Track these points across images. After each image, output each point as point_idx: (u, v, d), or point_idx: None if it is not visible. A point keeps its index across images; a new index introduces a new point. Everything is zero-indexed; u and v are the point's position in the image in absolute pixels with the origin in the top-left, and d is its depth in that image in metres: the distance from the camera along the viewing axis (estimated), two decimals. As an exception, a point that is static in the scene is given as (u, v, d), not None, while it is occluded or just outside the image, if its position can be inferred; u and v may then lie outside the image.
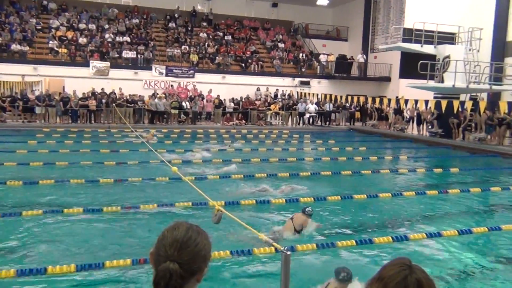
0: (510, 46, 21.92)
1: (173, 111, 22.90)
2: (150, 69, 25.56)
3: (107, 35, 26.65)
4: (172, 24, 29.96)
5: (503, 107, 16.55)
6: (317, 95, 26.33)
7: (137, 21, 29.26)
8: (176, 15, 30.74)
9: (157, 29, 29.97)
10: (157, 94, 23.70)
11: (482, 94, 21.09)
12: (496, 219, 7.77)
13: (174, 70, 25.93)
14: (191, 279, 1.42)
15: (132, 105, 22.39)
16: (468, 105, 17.99)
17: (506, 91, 19.83)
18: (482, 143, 17.67)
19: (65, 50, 24.68)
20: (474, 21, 21.04)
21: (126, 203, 7.79)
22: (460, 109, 18.47)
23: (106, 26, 27.70)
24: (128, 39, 27.01)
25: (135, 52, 25.87)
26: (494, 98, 20.75)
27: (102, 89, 22.75)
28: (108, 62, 24.78)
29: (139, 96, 23.00)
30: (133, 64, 25.65)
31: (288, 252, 2.59)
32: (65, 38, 25.57)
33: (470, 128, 19.23)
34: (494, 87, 19.57)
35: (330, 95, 25.94)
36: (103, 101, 21.98)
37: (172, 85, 25.59)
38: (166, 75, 25.74)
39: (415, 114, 21.94)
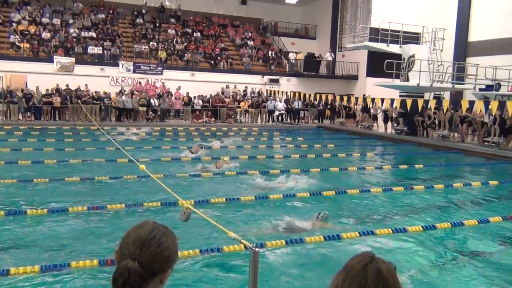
0: (471, 46, 22.69)
1: (141, 108, 22.57)
2: (117, 65, 25.07)
3: (71, 30, 25.96)
4: (139, 20, 29.49)
5: (465, 106, 17.10)
6: (286, 92, 26.51)
7: (103, 16, 28.64)
8: (143, 11, 30.26)
9: (124, 24, 29.42)
10: (125, 91, 23.29)
11: (445, 92, 21.76)
12: (459, 215, 8.02)
13: (142, 67, 25.54)
14: (153, 279, 1.40)
15: (99, 102, 21.92)
16: (432, 103, 18.50)
17: (467, 89, 20.52)
18: (446, 140, 18.24)
19: (28, 45, 23.90)
20: (437, 21, 21.67)
21: (93, 203, 7.62)
22: (424, 107, 18.98)
23: (71, 21, 26.97)
24: (94, 34, 26.41)
25: (101, 48, 25.31)
26: (456, 97, 21.44)
27: (67, 85, 22.17)
28: (73, 58, 24.15)
29: (106, 93, 22.54)
30: (99, 60, 25.09)
31: (257, 249, 2.60)
32: (27, 33, 24.74)
33: (434, 126, 19.81)
34: (456, 86, 20.22)
35: (299, 93, 26.16)
36: (68, 98, 21.42)
37: (140, 82, 25.20)
38: (134, 71, 25.32)
39: (378, 112, 22.42)
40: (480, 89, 19.18)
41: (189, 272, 5.09)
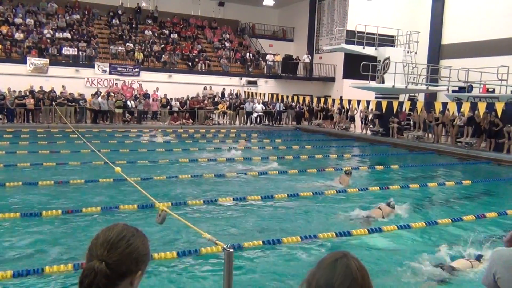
0: (445, 49, 23.21)
1: (117, 110, 22.29)
2: (93, 66, 24.68)
3: (45, 31, 25.45)
4: (115, 21, 29.12)
5: (438, 107, 17.46)
6: (264, 94, 26.58)
7: (78, 16, 28.19)
8: (119, 12, 29.91)
9: (100, 25, 29.02)
10: (100, 92, 22.97)
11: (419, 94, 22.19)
12: (433, 214, 8.18)
13: (118, 68, 25.21)
14: (122, 281, 1.39)
15: (74, 104, 21.55)
16: (407, 105, 18.83)
17: (441, 91, 20.97)
18: (420, 141, 18.59)
19: (0, 46, 23.32)
20: (412, 24, 22.08)
21: (68, 206, 7.49)
22: (399, 109, 19.30)
23: (45, 21, 26.45)
24: (69, 35, 25.97)
25: (76, 49, 24.89)
26: (430, 99, 21.88)
27: (41, 87, 21.73)
28: (47, 59, 23.67)
29: (81, 94, 22.18)
30: (74, 61, 24.66)
31: (231, 250, 2.61)
32: (-1, 33, 24.17)
33: (409, 127, 20.17)
34: (430, 87, 20.64)
35: (277, 94, 26.28)
36: (42, 99, 20.98)
37: (116, 84, 24.87)
38: (110, 73, 24.97)
39: (355, 113, 22.69)
40: (453, 91, 19.61)
41: (166, 274, 5.06)
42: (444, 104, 17.24)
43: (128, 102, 22.87)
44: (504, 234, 2.02)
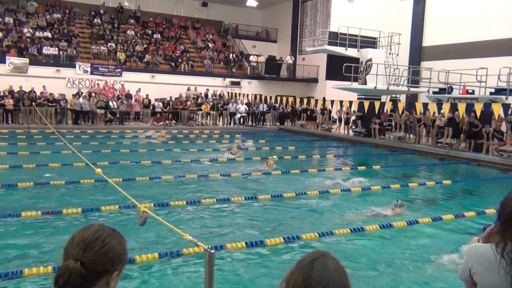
0: (425, 50, 23.58)
1: (99, 111, 22.04)
2: (74, 66, 24.38)
3: (25, 30, 25.03)
4: (97, 20, 28.80)
5: (419, 108, 17.71)
6: (247, 95, 26.60)
7: (59, 16, 27.80)
8: (101, 11, 29.59)
9: (81, 25, 28.67)
10: (82, 93, 22.68)
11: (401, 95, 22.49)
12: (414, 213, 8.28)
13: (100, 68, 24.95)
14: (98, 281, 1.39)
15: (54, 104, 21.23)
16: (388, 106, 19.06)
17: (422, 92, 21.28)
18: (402, 142, 18.82)
19: (-23, 45, 22.88)
20: (393, 26, 22.39)
21: (48, 208, 7.38)
22: (381, 110, 19.53)
23: (24, 20, 26.01)
24: (49, 34, 25.58)
25: (56, 49, 24.54)
26: (411, 100, 22.19)
27: (20, 87, 21.35)
28: (26, 59, 23.28)
29: (62, 95, 21.86)
30: (54, 61, 24.31)
31: (212, 251, 2.61)
32: (-23, 32, 23.68)
33: (391, 128, 20.42)
34: (411, 89, 20.95)
35: (260, 95, 26.32)
36: (22, 100, 20.62)
37: (98, 84, 24.60)
38: (91, 73, 24.69)
39: (337, 113, 22.86)
40: (434, 92, 19.94)
41: (148, 276, 5.02)
42: (425, 105, 17.50)
43: (110, 103, 22.63)
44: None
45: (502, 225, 2.06)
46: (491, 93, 17.60)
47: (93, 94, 22.79)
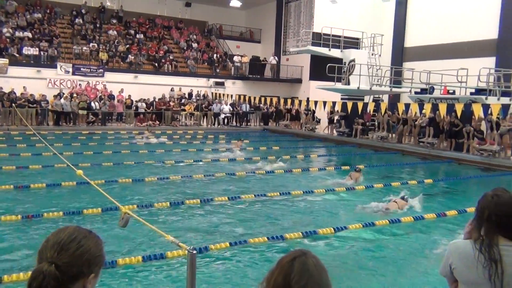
0: (407, 51, 23.88)
1: (81, 112, 21.75)
2: (55, 67, 24.01)
3: (5, 30, 24.56)
4: (79, 20, 28.43)
5: (401, 108, 17.91)
6: (232, 96, 26.56)
7: (40, 15, 27.36)
8: (83, 11, 29.22)
9: (62, 24, 28.27)
10: (63, 93, 22.36)
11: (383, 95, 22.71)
12: (397, 212, 8.36)
13: (81, 69, 24.62)
14: (74, 284, 1.37)
15: (35, 105, 20.89)
16: (371, 106, 19.24)
17: (404, 93, 21.53)
18: (384, 142, 19.01)
19: (-45, 45, 22.38)
20: (376, 27, 22.61)
21: (28, 211, 7.25)
22: (364, 110, 19.69)
23: (4, 20, 25.52)
24: (30, 34, 25.16)
25: (37, 49, 24.14)
26: (394, 100, 22.44)
27: (0, 88, 20.95)
28: (6, 59, 22.85)
29: (43, 95, 21.51)
30: (35, 61, 23.91)
31: (194, 252, 2.60)
32: (-46, 31, 23.15)
33: (374, 128, 20.60)
34: (394, 89, 21.17)
35: (245, 96, 26.30)
36: (2, 101, 20.22)
37: (80, 84, 24.28)
38: (73, 73, 24.35)
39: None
40: (416, 92, 20.18)
41: (131, 277, 4.97)
42: (407, 105, 17.70)
43: (92, 104, 22.36)
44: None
45: (479, 222, 2.11)
46: (471, 93, 17.88)
47: (74, 95, 22.48)
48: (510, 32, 19.11)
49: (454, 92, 18.53)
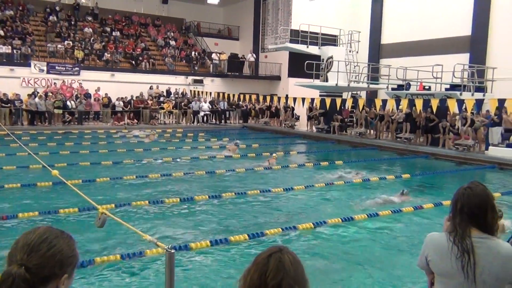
0: (384, 48, 24.18)
1: (56, 111, 21.33)
2: (29, 65, 23.47)
3: (-25, 27, 23.90)
4: (53, 18, 27.83)
5: (378, 104, 18.13)
6: (211, 93, 26.45)
7: (12, 12, 26.67)
8: (57, 8, 28.62)
9: (36, 22, 27.63)
10: (38, 92, 21.89)
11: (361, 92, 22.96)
12: (374, 207, 8.47)
13: (56, 67, 24.14)
14: (45, 286, 1.33)
15: (8, 105, 20.39)
16: (349, 102, 19.43)
17: (381, 89, 21.80)
18: (363, 137, 19.23)
19: None
20: (353, 24, 22.82)
21: (2, 212, 7.07)
22: (342, 107, 19.88)
23: (-26, 17, 24.85)
24: (2, 32, 24.51)
25: (10, 47, 23.55)
26: (371, 96, 22.70)
27: (-29, 87, 20.40)
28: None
29: (16, 95, 21.01)
30: (8, 60, 23.33)
31: (172, 251, 2.58)
32: None
33: (352, 124, 20.81)
34: (371, 85, 21.42)
35: (223, 93, 26.23)
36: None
37: (55, 83, 23.80)
38: (48, 72, 23.85)
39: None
40: (392, 89, 20.45)
41: (109, 277, 4.90)
42: (384, 101, 17.94)
43: (68, 103, 21.96)
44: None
45: (454, 214, 2.16)
46: (446, 89, 18.23)
47: (49, 94, 22.04)
48: (483, 29, 19.56)
49: (429, 88, 18.86)
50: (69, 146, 15.34)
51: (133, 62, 27.11)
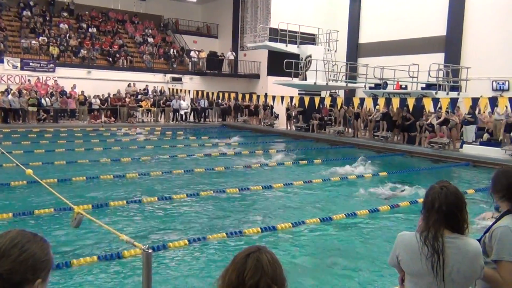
0: (362, 47, 24.42)
1: (30, 108, 20.87)
2: (2, 62, 22.85)
3: None
4: (26, 13, 27.16)
5: (356, 103, 18.32)
6: (189, 91, 26.28)
7: (-16, 7, 25.95)
8: (31, 3, 27.95)
9: (9, 17, 26.93)
10: (11, 89, 21.36)
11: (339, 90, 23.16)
12: (353, 205, 8.55)
13: (31, 64, 23.59)
14: None
15: (-20, 102, 19.84)
16: (327, 101, 19.57)
17: (359, 88, 22.03)
18: (341, 136, 19.41)
19: None
20: (331, 24, 22.97)
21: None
22: (321, 105, 20.01)
23: None
24: (-27, 27, 23.83)
25: (-18, 43, 22.91)
26: (349, 95, 22.91)
27: None
28: None
29: (-11, 92, 20.48)
30: (-21, 56, 22.69)
31: (150, 251, 2.55)
32: None
33: (330, 122, 20.98)
34: (349, 84, 21.62)
35: (203, 91, 26.08)
36: None
37: (29, 80, 23.26)
38: (22, 68, 23.27)
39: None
40: (370, 87, 20.67)
41: (86, 278, 4.82)
42: (362, 100, 18.13)
43: (43, 100, 21.50)
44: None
45: (426, 213, 2.19)
46: (422, 88, 18.53)
47: (23, 91, 21.54)
48: (457, 30, 19.96)
49: (406, 87, 19.14)
50: (44, 144, 15.03)
51: (110, 59, 26.70)
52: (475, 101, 14.36)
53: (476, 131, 16.13)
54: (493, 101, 14.16)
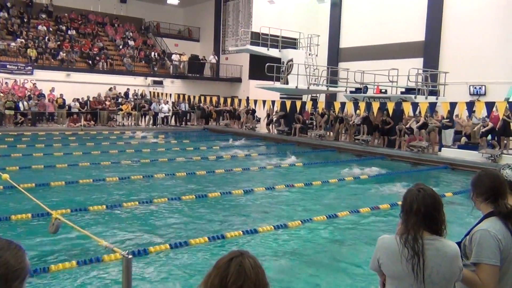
0: (342, 52, 24.67)
1: (7, 112, 20.44)
2: (-23, 64, 22.39)
3: None
4: (3, 14, 26.67)
5: (337, 107, 18.49)
6: (171, 95, 26.13)
7: (-41, 8, 25.38)
8: (8, 4, 27.45)
9: (-15, 19, 26.38)
10: (-13, 92, 20.91)
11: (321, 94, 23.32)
12: (334, 207, 8.62)
13: (8, 66, 23.15)
14: None
15: (-45, 105, 19.35)
16: (309, 105, 19.69)
17: (340, 92, 22.24)
18: (322, 140, 19.53)
19: None
20: (312, 28, 23.16)
21: None
22: (302, 109, 20.12)
23: None
24: None
25: (-44, 44, 22.38)
26: (330, 99, 23.10)
27: None
28: None
29: (-36, 94, 19.98)
30: (-46, 58, 22.16)
31: (130, 256, 2.52)
32: None
33: (312, 126, 21.10)
34: (330, 88, 21.80)
35: (184, 95, 25.97)
36: None
37: (6, 83, 22.79)
38: (-2, 71, 22.82)
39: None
40: (351, 92, 20.89)
41: (64, 284, 4.73)
42: (343, 104, 18.31)
43: (20, 103, 21.08)
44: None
45: (404, 215, 2.21)
46: (401, 93, 18.80)
47: (0, 94, 21.08)
48: (435, 35, 20.34)
49: (386, 92, 19.39)
50: (21, 148, 14.74)
51: (90, 62, 26.38)
52: (453, 105, 14.63)
53: (454, 135, 16.44)
54: (471, 106, 14.46)
